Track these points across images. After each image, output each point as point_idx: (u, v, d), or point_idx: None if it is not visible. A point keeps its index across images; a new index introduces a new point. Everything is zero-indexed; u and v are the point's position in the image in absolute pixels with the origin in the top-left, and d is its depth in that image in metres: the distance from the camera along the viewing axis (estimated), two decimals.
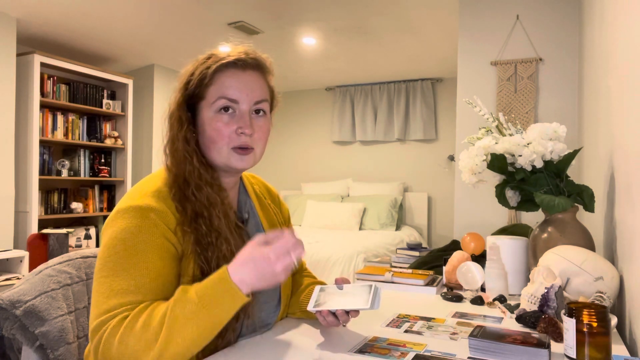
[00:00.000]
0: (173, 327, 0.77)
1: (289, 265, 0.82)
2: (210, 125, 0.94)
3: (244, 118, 0.94)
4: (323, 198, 5.35)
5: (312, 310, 0.98)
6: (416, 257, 1.98)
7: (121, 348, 0.76)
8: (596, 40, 1.78)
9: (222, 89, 0.94)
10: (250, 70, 0.97)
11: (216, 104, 0.93)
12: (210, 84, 0.94)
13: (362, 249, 3.71)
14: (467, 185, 2.78)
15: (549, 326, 0.94)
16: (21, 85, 3.80)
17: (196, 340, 0.79)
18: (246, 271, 0.81)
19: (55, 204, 4.19)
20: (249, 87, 0.95)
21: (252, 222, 1.07)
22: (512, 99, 2.69)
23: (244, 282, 0.81)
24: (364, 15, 3.53)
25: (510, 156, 1.39)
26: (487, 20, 2.79)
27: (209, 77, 0.94)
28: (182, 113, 0.95)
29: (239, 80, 0.95)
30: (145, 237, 0.84)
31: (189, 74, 0.97)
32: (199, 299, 0.79)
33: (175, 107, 0.96)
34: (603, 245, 1.44)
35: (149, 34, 4.01)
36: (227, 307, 0.80)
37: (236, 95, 0.94)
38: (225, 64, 0.94)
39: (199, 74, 0.95)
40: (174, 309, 0.78)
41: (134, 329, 0.77)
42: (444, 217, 5.22)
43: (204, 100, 0.95)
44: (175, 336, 0.77)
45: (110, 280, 0.82)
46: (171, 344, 0.76)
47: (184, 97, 0.96)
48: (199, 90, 0.95)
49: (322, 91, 5.87)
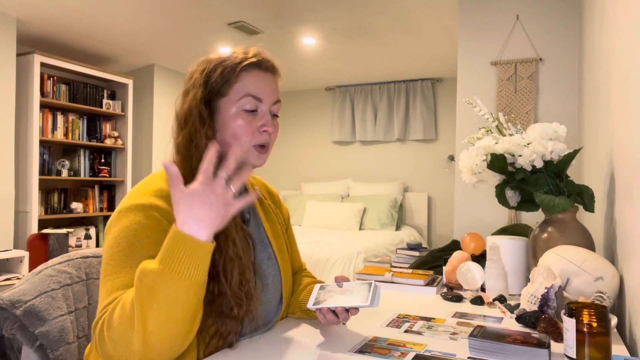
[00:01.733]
0: (144, 296, 0.74)
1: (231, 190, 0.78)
2: (234, 121, 0.95)
3: (266, 116, 0.97)
4: (323, 198, 5.34)
5: (311, 308, 0.98)
6: (416, 257, 1.98)
7: (110, 333, 0.76)
8: (596, 40, 1.78)
9: (247, 87, 0.95)
10: (270, 73, 1.00)
11: (241, 102, 0.95)
12: (235, 81, 0.95)
13: (362, 249, 3.71)
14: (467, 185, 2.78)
15: (549, 326, 0.94)
16: (21, 85, 3.80)
17: (175, 303, 0.74)
18: (195, 212, 0.76)
19: (55, 204, 4.19)
20: (270, 88, 0.98)
21: (253, 222, 1.07)
22: (512, 99, 2.69)
23: (200, 225, 0.76)
24: (364, 15, 3.53)
25: (510, 156, 1.39)
26: (487, 20, 2.79)
27: (235, 74, 0.95)
28: (203, 110, 0.95)
29: (263, 80, 0.98)
30: (147, 234, 0.84)
31: (207, 71, 0.96)
32: (160, 262, 0.75)
33: (195, 104, 0.95)
34: (603, 245, 1.44)
35: (149, 34, 4.01)
36: (193, 261, 0.75)
37: (261, 94, 0.96)
38: (250, 64, 0.96)
39: (221, 71, 0.95)
40: (141, 279, 0.75)
41: (115, 312, 0.76)
42: (444, 217, 5.22)
43: (225, 97, 0.95)
44: (149, 305, 0.73)
45: (113, 277, 0.82)
46: (148, 313, 0.73)
47: (203, 93, 0.96)
48: (220, 87, 0.95)
49: (322, 91, 5.87)
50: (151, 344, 0.74)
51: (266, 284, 1.03)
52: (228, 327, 0.88)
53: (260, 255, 1.04)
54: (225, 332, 0.88)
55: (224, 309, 0.87)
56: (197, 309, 0.78)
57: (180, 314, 0.75)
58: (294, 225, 5.16)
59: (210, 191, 0.76)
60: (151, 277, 0.74)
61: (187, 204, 0.76)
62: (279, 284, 1.07)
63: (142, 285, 0.74)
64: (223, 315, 0.87)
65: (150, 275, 0.74)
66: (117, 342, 0.75)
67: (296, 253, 1.24)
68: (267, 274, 1.04)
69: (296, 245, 1.25)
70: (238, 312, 0.88)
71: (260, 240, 1.07)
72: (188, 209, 0.76)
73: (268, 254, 1.06)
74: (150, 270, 0.74)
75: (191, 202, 0.76)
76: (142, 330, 0.73)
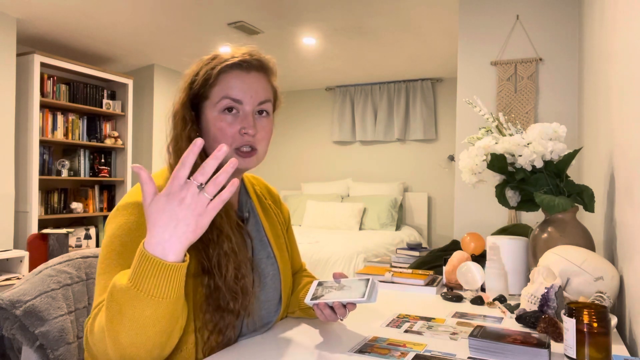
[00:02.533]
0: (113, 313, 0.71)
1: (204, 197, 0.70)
2: (214, 124, 0.94)
3: (247, 119, 0.94)
4: (323, 198, 5.35)
5: (309, 304, 0.98)
6: (416, 257, 1.98)
7: (92, 338, 0.77)
8: (596, 40, 1.78)
9: (226, 89, 0.94)
10: (254, 72, 0.97)
11: (220, 104, 0.94)
12: (215, 84, 0.94)
13: (362, 249, 3.71)
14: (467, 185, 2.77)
15: (549, 326, 0.94)
16: (21, 85, 3.80)
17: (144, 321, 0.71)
18: (161, 231, 0.69)
19: (55, 204, 4.19)
20: (252, 89, 0.96)
21: (252, 221, 1.07)
22: (512, 99, 2.69)
23: (166, 245, 0.70)
24: (364, 15, 3.53)
25: (510, 156, 1.39)
26: (487, 20, 2.79)
27: (213, 77, 0.94)
28: (186, 112, 0.95)
29: (243, 81, 0.95)
30: (142, 232, 0.84)
31: (193, 73, 0.97)
32: (129, 279, 0.71)
33: (179, 107, 0.96)
34: (603, 245, 1.44)
35: (149, 34, 4.01)
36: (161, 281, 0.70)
37: (240, 96, 0.94)
38: (230, 65, 0.95)
39: (204, 74, 0.95)
40: (112, 293, 0.72)
41: (97, 318, 0.76)
42: (444, 217, 5.22)
43: (208, 100, 0.95)
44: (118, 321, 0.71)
45: (105, 277, 0.82)
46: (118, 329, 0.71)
47: (188, 96, 0.96)
48: (203, 90, 0.95)
49: (322, 91, 5.87)
50: (127, 355, 0.73)
51: (265, 282, 1.03)
52: (225, 320, 0.88)
53: (259, 254, 1.05)
54: (223, 326, 0.88)
55: (221, 303, 0.87)
56: (173, 321, 0.75)
57: (152, 329, 0.72)
58: (294, 225, 5.17)
59: (178, 203, 0.69)
60: (120, 294, 0.71)
61: (153, 221, 0.70)
62: (278, 283, 1.07)
63: (112, 300, 0.72)
64: (220, 310, 0.88)
65: (120, 291, 0.71)
66: (98, 348, 0.76)
67: (296, 253, 1.24)
68: (266, 272, 1.04)
69: (296, 246, 1.25)
70: (234, 306, 0.88)
71: (260, 239, 1.07)
72: (153, 226, 0.70)
73: (267, 253, 1.07)
74: (120, 287, 0.71)
75: (156, 219, 0.70)
76: (114, 343, 0.72)
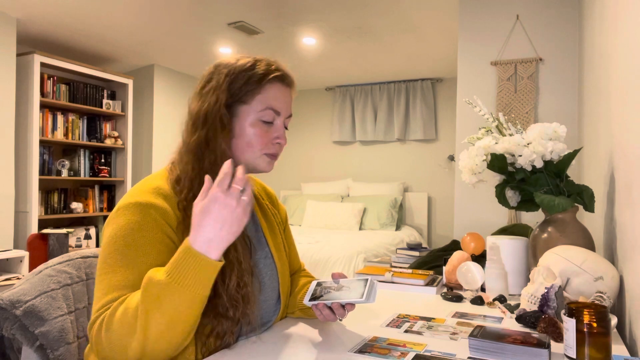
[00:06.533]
0: (149, 305, 0.75)
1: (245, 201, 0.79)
2: (251, 130, 0.97)
3: (281, 129, 1.01)
4: (323, 198, 5.34)
5: (307, 304, 0.99)
6: (416, 257, 1.98)
7: (108, 335, 0.78)
8: (596, 40, 1.78)
9: (270, 100, 0.98)
10: (291, 88, 1.04)
11: (262, 113, 0.98)
12: (259, 92, 0.98)
13: (362, 249, 3.71)
14: (467, 185, 2.78)
15: (549, 326, 0.94)
16: (21, 85, 3.80)
17: (178, 316, 0.76)
18: (207, 231, 0.77)
19: (55, 204, 4.19)
20: (288, 103, 1.03)
21: (250, 222, 1.07)
22: (512, 99, 2.69)
23: (210, 244, 0.78)
24: (364, 15, 3.53)
25: (510, 156, 1.39)
26: (487, 20, 2.79)
27: (260, 85, 0.98)
28: (225, 114, 0.96)
29: (284, 94, 1.01)
30: (144, 233, 0.85)
31: (231, 76, 0.97)
32: (168, 274, 0.76)
33: (217, 107, 0.95)
34: (603, 245, 1.44)
35: (149, 34, 4.01)
36: (200, 277, 0.77)
37: (280, 108, 1.00)
38: (275, 77, 0.99)
39: (247, 79, 0.97)
40: (147, 288, 0.77)
41: (116, 315, 0.78)
42: (444, 217, 5.22)
43: (246, 105, 0.97)
44: (153, 314, 0.75)
45: (109, 276, 0.82)
46: (151, 322, 0.75)
47: (227, 98, 0.96)
48: (243, 95, 0.97)
49: (322, 91, 5.87)
50: (148, 351, 0.77)
51: (263, 282, 1.03)
52: (224, 326, 0.88)
53: (257, 254, 1.05)
54: (221, 331, 0.88)
55: (220, 309, 0.88)
56: (196, 322, 0.81)
57: (181, 326, 0.78)
58: (294, 225, 5.17)
59: (224, 207, 0.78)
60: (158, 288, 0.76)
61: (199, 222, 0.78)
62: (276, 282, 1.07)
63: (148, 295, 0.76)
64: (219, 315, 0.88)
65: (158, 286, 0.76)
66: (115, 345, 0.77)
67: (294, 253, 1.24)
68: (263, 272, 1.04)
69: (294, 246, 1.25)
70: (234, 314, 0.89)
71: (258, 239, 1.07)
72: (199, 226, 0.78)
73: (265, 253, 1.07)
74: (157, 282, 0.76)
75: (203, 219, 0.78)
76: (142, 337, 0.76)
